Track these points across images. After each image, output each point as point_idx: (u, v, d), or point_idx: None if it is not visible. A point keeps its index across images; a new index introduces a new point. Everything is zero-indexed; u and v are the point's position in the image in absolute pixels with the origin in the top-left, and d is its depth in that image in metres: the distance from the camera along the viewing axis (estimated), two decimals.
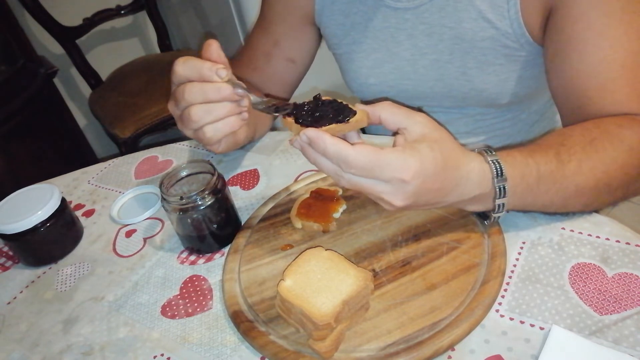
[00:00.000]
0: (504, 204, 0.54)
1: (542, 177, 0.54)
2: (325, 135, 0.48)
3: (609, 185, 0.56)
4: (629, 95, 0.60)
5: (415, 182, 0.48)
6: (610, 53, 0.60)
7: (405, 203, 0.49)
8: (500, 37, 0.70)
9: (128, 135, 1.74)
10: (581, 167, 0.55)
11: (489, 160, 0.52)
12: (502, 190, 0.52)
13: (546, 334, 0.49)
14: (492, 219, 0.57)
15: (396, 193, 0.49)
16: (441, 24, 0.73)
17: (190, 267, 0.67)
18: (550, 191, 0.55)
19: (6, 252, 0.78)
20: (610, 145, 0.56)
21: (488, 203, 0.54)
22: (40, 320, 0.65)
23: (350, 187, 0.51)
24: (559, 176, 0.54)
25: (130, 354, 0.57)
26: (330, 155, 0.48)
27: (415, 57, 0.78)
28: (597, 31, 0.60)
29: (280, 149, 0.86)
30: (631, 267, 0.54)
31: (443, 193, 0.51)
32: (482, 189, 0.52)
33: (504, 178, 0.52)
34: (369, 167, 0.47)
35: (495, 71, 0.73)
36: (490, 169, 0.52)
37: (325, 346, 0.49)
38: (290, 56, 0.89)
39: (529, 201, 0.55)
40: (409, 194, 0.49)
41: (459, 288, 0.54)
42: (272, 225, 0.69)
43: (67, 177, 0.93)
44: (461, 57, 0.74)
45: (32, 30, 2.00)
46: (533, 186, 0.54)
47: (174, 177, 0.68)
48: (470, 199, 0.53)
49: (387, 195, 0.49)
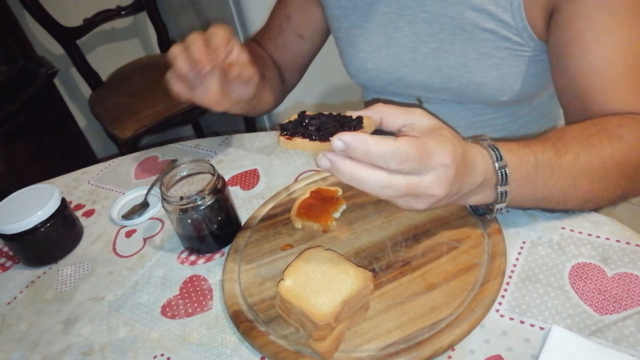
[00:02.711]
0: (506, 191, 0.53)
1: (540, 166, 0.53)
2: (365, 136, 0.43)
3: (606, 180, 0.56)
4: (631, 94, 0.60)
5: (454, 165, 0.46)
6: (614, 52, 0.60)
7: (446, 191, 0.47)
8: (501, 29, 0.70)
9: (128, 135, 1.74)
10: (578, 160, 0.55)
11: (487, 147, 0.52)
12: (504, 176, 0.51)
13: (546, 334, 0.49)
14: (495, 211, 0.56)
15: (440, 181, 0.46)
16: (442, 13, 0.73)
17: (190, 267, 0.67)
18: (549, 182, 0.54)
19: (6, 252, 0.78)
20: (607, 142, 0.56)
21: (491, 191, 0.53)
22: (40, 320, 0.65)
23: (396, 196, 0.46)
24: (557, 166, 0.54)
25: (130, 354, 0.57)
26: (375, 155, 0.43)
27: (415, 45, 0.78)
28: (601, 30, 0.60)
29: (280, 149, 0.86)
30: (631, 267, 0.54)
31: (465, 179, 0.49)
32: (486, 175, 0.51)
33: (504, 163, 0.51)
34: (418, 156, 0.44)
35: (496, 64, 0.73)
36: (490, 154, 0.51)
37: (325, 346, 0.49)
38: (300, 32, 0.92)
39: (529, 192, 0.55)
40: (450, 180, 0.46)
41: (459, 288, 0.54)
42: (272, 225, 0.69)
43: (67, 177, 0.93)
44: (462, 47, 0.74)
45: (32, 31, 2.00)
46: (532, 174, 0.53)
47: (174, 177, 0.68)
48: (476, 187, 0.51)
49: (431, 187, 0.46)
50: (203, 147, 0.92)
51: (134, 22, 2.29)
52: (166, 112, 1.78)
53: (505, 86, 0.75)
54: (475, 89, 0.77)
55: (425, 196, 0.47)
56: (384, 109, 0.50)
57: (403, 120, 0.50)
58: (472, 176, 0.50)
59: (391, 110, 0.50)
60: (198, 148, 0.92)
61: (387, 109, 0.50)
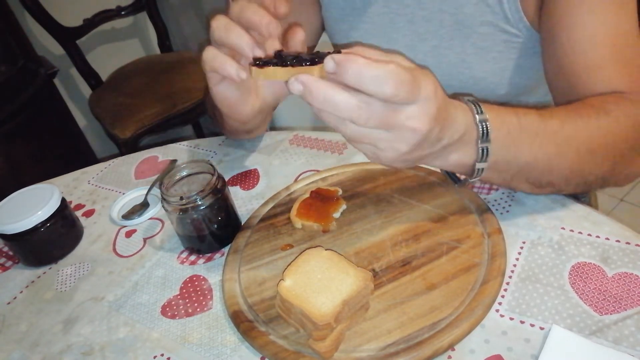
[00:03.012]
0: (487, 148, 0.51)
1: (524, 127, 0.52)
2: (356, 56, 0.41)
3: (593, 153, 0.55)
4: (617, 74, 0.59)
5: (438, 96, 0.44)
6: (600, 32, 0.59)
7: (428, 127, 0.44)
8: (499, 22, 0.70)
9: (128, 135, 1.74)
10: (563, 127, 0.54)
11: (466, 101, 0.51)
12: (485, 130, 0.50)
13: (546, 334, 0.49)
14: (475, 172, 0.53)
15: (423, 115, 0.43)
16: (441, 10, 0.73)
17: (190, 267, 0.67)
18: (534, 144, 0.53)
19: (6, 252, 0.78)
20: (594, 114, 0.55)
21: (471, 148, 0.51)
22: (40, 320, 0.65)
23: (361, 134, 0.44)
24: (541, 129, 0.53)
25: (130, 354, 0.57)
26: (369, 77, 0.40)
27: (414, 43, 0.78)
28: (588, 10, 0.59)
29: (280, 149, 0.86)
30: (631, 267, 0.54)
31: (445, 126, 0.47)
32: (467, 128, 0.49)
33: (484, 117, 0.50)
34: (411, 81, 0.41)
35: (495, 58, 0.73)
36: (470, 108, 0.50)
37: (325, 346, 0.49)
38: None
39: (512, 154, 0.53)
40: (432, 115, 0.44)
41: (459, 288, 0.54)
42: (272, 225, 0.69)
43: (67, 177, 0.93)
44: (461, 43, 0.74)
45: (32, 31, 2.00)
46: (514, 135, 0.52)
47: (174, 177, 0.68)
48: (457, 139, 0.49)
49: (412, 119, 0.43)
50: (203, 147, 0.92)
51: (134, 22, 2.29)
52: (166, 112, 1.78)
53: (504, 80, 0.75)
54: (474, 84, 0.77)
55: (403, 129, 0.44)
56: (365, 50, 0.46)
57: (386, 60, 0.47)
58: (453, 126, 0.48)
59: (371, 52, 0.46)
60: (198, 148, 0.92)
61: (367, 51, 0.46)
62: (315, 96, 0.43)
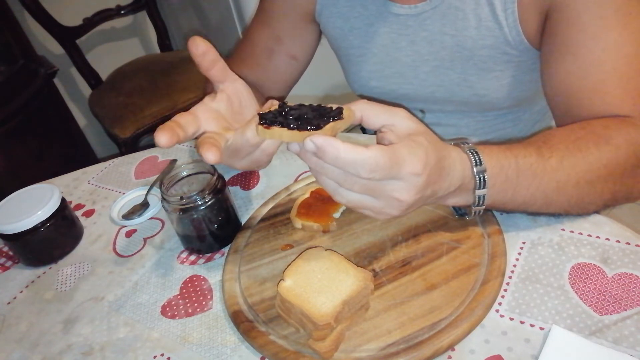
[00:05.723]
0: (484, 195, 0.53)
1: (522, 171, 0.53)
2: (337, 142, 0.44)
3: (593, 184, 0.55)
4: (620, 97, 0.59)
5: (425, 173, 0.46)
6: (603, 55, 0.59)
7: (415, 198, 0.47)
8: (500, 44, 0.70)
9: (128, 135, 1.74)
10: (562, 164, 0.54)
11: (467, 151, 0.52)
12: (482, 181, 0.51)
13: (546, 334, 0.49)
14: (473, 214, 0.56)
15: (409, 188, 0.46)
16: (442, 32, 0.73)
17: (190, 267, 0.67)
18: (531, 186, 0.54)
19: (6, 252, 0.78)
20: (594, 145, 0.55)
21: (469, 195, 0.53)
22: (40, 320, 0.65)
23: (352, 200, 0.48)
24: (539, 170, 0.54)
25: (130, 354, 0.57)
26: (344, 161, 0.44)
27: (416, 63, 0.78)
28: (591, 34, 0.59)
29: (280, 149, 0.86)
30: (631, 267, 0.54)
31: (439, 184, 0.49)
32: (464, 179, 0.51)
33: (483, 167, 0.51)
34: (388, 166, 0.44)
35: (496, 77, 0.74)
36: (469, 158, 0.51)
37: (325, 346, 0.49)
38: (293, 53, 0.88)
39: (509, 196, 0.54)
40: (419, 187, 0.47)
41: (459, 288, 0.54)
42: (272, 225, 0.69)
43: (67, 177, 0.93)
44: (462, 64, 0.74)
45: (32, 30, 2.00)
46: (512, 179, 0.53)
47: (174, 177, 0.68)
48: (454, 190, 0.51)
49: (400, 193, 0.46)
50: None
51: (133, 21, 2.29)
52: (166, 111, 1.78)
53: (506, 94, 0.76)
54: (477, 100, 0.78)
55: (390, 199, 0.47)
56: (366, 107, 0.50)
57: (384, 120, 0.50)
58: (448, 180, 0.50)
59: (373, 109, 0.50)
60: None
61: (370, 108, 0.50)
62: (309, 163, 0.47)
